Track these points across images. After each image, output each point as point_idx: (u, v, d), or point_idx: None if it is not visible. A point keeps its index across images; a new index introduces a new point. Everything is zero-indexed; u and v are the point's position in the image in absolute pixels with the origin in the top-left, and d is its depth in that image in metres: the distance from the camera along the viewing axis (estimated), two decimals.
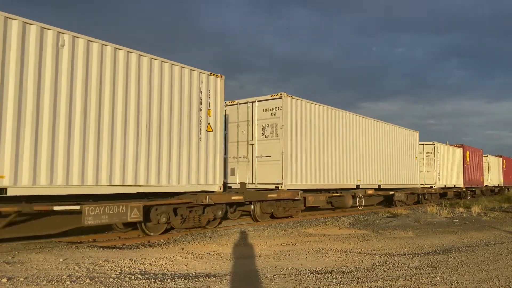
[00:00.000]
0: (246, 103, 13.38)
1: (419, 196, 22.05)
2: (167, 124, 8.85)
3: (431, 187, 23.60)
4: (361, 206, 15.94)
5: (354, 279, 5.29)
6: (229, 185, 13.02)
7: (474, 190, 30.82)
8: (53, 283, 4.79)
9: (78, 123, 7.28)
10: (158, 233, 9.03)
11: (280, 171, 12.26)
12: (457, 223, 12.27)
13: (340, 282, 5.13)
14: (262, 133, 12.85)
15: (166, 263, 6.08)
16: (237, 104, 13.53)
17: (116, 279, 5.05)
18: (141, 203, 8.19)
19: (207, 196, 9.43)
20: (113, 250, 7.02)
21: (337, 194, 14.79)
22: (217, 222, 10.51)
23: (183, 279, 5.14)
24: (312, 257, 6.71)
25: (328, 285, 4.98)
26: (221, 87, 10.18)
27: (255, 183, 12.87)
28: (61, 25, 7.20)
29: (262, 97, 13.01)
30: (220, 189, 9.99)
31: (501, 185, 37.72)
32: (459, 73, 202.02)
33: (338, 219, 13.07)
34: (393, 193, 18.86)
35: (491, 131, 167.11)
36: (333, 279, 5.28)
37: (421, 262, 6.44)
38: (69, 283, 4.81)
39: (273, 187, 12.37)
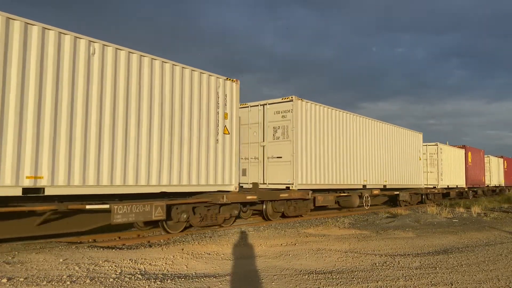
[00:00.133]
0: (257, 105, 13.74)
1: (423, 196, 22.25)
2: (188, 127, 9.22)
3: (434, 187, 23.78)
4: (368, 205, 16.25)
5: (354, 279, 5.29)
6: (240, 185, 13.38)
7: (476, 190, 30.96)
8: (53, 283, 4.80)
9: (107, 127, 7.67)
10: (178, 231, 9.42)
11: (291, 172, 12.56)
12: (457, 223, 12.26)
13: (340, 282, 5.13)
14: (273, 135, 13.22)
15: (166, 263, 6.08)
16: (248, 106, 13.88)
17: (116, 279, 5.05)
18: (164, 202, 8.59)
19: (224, 195, 9.82)
20: (113, 250, 7.02)
21: (344, 194, 15.08)
22: (232, 220, 10.87)
23: (183, 279, 5.14)
24: (312, 258, 6.71)
25: (328, 285, 4.98)
26: (236, 91, 10.59)
27: (266, 183, 13.20)
28: (61, 25, 7.23)
29: (273, 100, 13.35)
30: (235, 189, 10.36)
31: (502, 185, 37.89)
32: (459, 73, 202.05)
33: (338, 219, 13.08)
34: (397, 193, 19.15)
35: (491, 131, 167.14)
36: (333, 279, 5.28)
37: (421, 262, 6.44)
38: (69, 283, 4.81)
39: (283, 187, 12.69)
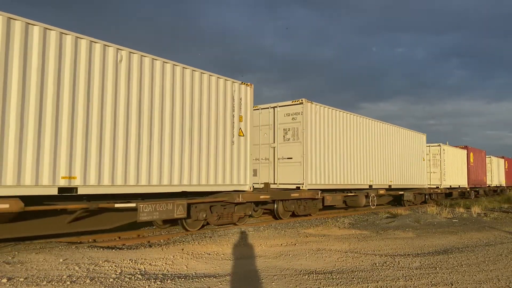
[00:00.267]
0: (267, 108, 14.07)
1: (426, 196, 22.58)
2: (206, 129, 9.68)
3: (437, 187, 24.13)
4: (374, 205, 16.66)
5: (354, 279, 5.29)
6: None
7: (477, 190, 31.26)
8: (53, 283, 4.79)
9: (133, 131, 8.12)
10: (196, 229, 9.80)
11: (301, 172, 12.93)
12: (457, 223, 12.26)
13: (340, 282, 5.13)
14: (283, 137, 13.56)
15: (166, 264, 6.08)
16: (259, 109, 14.17)
17: (116, 280, 5.05)
18: (185, 201, 9.00)
19: (240, 195, 10.27)
20: (113, 250, 7.01)
21: (351, 194, 15.42)
22: (245, 219, 11.35)
23: (183, 280, 5.14)
24: (312, 258, 6.71)
25: (328, 286, 4.98)
26: (250, 94, 11.03)
27: (276, 183, 13.55)
28: (62, 25, 7.23)
29: (283, 102, 13.72)
30: (250, 189, 10.80)
31: (503, 185, 38.12)
32: (459, 73, 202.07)
33: (338, 219, 13.08)
34: (402, 193, 19.58)
35: (491, 132, 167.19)
36: (333, 279, 5.27)
37: (421, 262, 6.44)
38: (69, 283, 4.81)
39: (294, 187, 13.02)
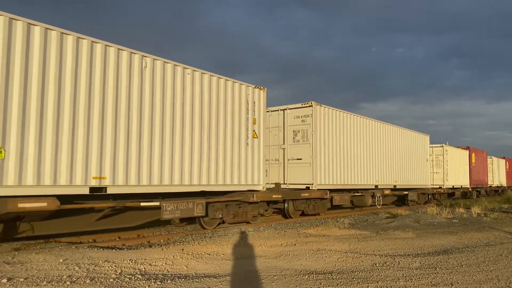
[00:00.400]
0: (277, 110, 14.52)
1: (429, 196, 22.93)
2: (223, 131, 10.13)
3: (440, 188, 24.52)
4: (380, 205, 17.15)
5: (354, 279, 5.29)
6: None
7: (479, 190, 31.59)
8: (53, 283, 4.79)
9: (157, 133, 8.55)
10: (212, 227, 10.24)
11: (310, 173, 13.39)
12: (457, 223, 12.26)
13: (340, 282, 5.12)
14: (293, 138, 13.97)
15: (166, 264, 6.08)
16: (269, 111, 14.53)
17: (116, 280, 5.05)
18: (204, 200, 9.43)
19: (254, 194, 10.70)
20: (113, 250, 7.01)
21: (358, 194, 15.85)
22: (258, 218, 11.81)
23: (183, 280, 5.14)
24: (312, 258, 6.70)
25: (328, 286, 4.98)
26: (263, 98, 11.45)
27: (286, 184, 13.93)
28: (62, 25, 7.24)
29: (293, 105, 14.15)
30: (263, 189, 11.19)
31: (504, 185, 38.36)
32: (459, 73, 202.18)
33: (338, 219, 13.08)
34: (406, 193, 20.08)
35: (490, 132, 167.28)
36: (333, 279, 5.27)
37: (421, 262, 6.43)
38: (69, 283, 4.81)
39: (303, 187, 13.44)
